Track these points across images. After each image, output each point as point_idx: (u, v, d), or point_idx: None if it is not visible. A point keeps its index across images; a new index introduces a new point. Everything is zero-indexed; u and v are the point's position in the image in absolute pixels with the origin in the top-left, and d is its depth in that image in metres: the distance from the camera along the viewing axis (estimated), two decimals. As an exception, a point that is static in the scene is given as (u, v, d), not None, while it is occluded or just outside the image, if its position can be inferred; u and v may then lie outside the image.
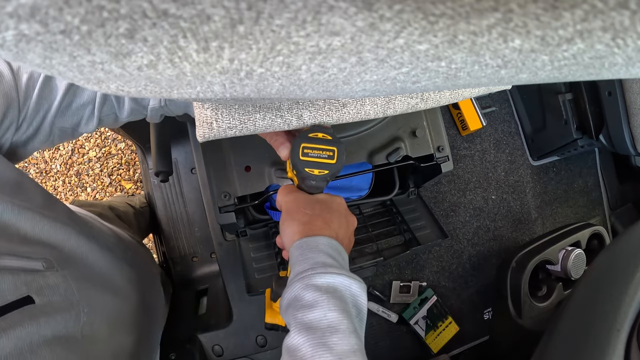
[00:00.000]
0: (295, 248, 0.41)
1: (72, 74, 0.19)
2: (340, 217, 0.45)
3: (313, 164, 0.44)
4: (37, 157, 1.45)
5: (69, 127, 0.44)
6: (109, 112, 0.44)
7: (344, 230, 0.45)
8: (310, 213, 0.43)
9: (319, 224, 0.42)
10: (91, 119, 0.44)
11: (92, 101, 0.43)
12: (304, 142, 0.44)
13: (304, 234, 0.41)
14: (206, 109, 0.41)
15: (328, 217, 0.44)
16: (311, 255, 0.39)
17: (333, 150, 0.45)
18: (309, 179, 0.45)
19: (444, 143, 0.71)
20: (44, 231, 0.41)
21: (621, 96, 0.86)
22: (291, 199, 0.45)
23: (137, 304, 0.53)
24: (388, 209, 0.89)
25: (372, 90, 0.24)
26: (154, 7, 0.14)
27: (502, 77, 0.20)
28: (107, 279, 0.49)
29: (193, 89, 0.22)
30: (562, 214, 1.13)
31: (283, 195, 0.47)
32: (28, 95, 0.40)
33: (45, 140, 0.44)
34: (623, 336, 0.44)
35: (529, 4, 0.13)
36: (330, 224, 0.43)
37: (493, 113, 1.13)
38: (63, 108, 0.42)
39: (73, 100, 0.42)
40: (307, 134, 0.45)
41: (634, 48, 0.15)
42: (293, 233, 0.42)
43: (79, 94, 0.42)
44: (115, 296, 0.48)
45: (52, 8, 0.14)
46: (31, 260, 0.39)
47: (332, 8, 0.14)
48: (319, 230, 0.42)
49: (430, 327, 0.93)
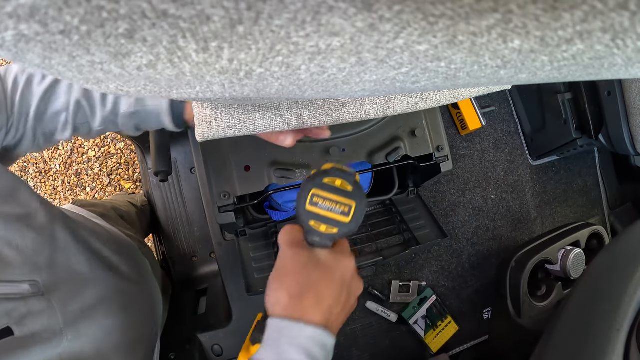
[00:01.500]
0: (273, 327, 0.35)
1: (71, 74, 0.19)
2: (342, 289, 0.38)
3: (322, 218, 0.37)
4: (36, 157, 1.45)
5: (49, 133, 0.44)
6: (82, 120, 0.44)
7: (342, 306, 0.38)
8: (304, 283, 0.36)
9: (310, 302, 0.35)
10: (66, 126, 0.43)
11: (65, 109, 0.42)
12: (316, 188, 0.36)
13: (287, 312, 0.35)
14: (205, 108, 0.41)
15: (325, 291, 0.36)
16: (286, 349, 0.33)
17: (350, 205, 0.36)
18: (313, 234, 0.38)
19: (443, 143, 0.71)
20: (34, 245, 0.40)
21: (621, 96, 0.86)
22: (289, 254, 0.38)
23: (131, 321, 0.50)
24: (387, 208, 0.89)
25: (372, 90, 0.24)
26: (154, 8, 0.14)
27: (502, 77, 0.20)
28: (100, 297, 0.46)
29: (192, 89, 0.22)
30: (561, 214, 1.14)
31: (283, 242, 0.39)
32: (13, 100, 0.40)
33: (31, 144, 0.44)
34: (622, 336, 0.44)
35: (529, 5, 0.13)
36: (323, 303, 0.36)
37: (492, 113, 1.13)
38: (40, 114, 0.41)
39: (48, 107, 0.41)
40: (322, 177, 0.37)
41: (633, 49, 0.15)
42: (277, 302, 0.36)
43: (52, 101, 0.41)
44: (106, 317, 0.46)
45: (52, 8, 0.13)
46: (16, 285, 0.38)
47: (331, 9, 0.14)
48: (306, 313, 0.35)
49: (429, 327, 0.93)
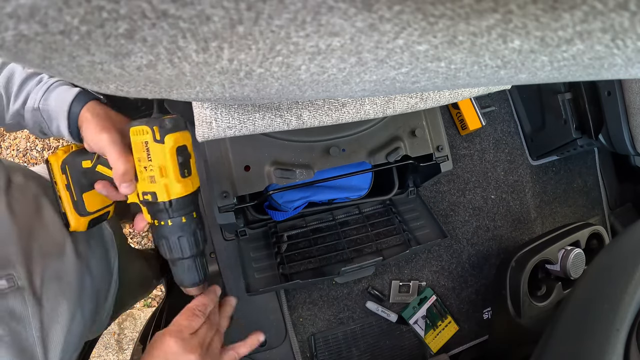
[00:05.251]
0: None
1: (71, 74, 0.19)
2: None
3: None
4: (36, 157, 1.45)
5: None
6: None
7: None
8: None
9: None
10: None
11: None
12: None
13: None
14: (205, 108, 0.41)
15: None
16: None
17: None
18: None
19: (443, 143, 0.71)
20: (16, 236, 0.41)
21: (620, 96, 0.86)
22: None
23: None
24: (387, 208, 0.89)
25: (372, 90, 0.24)
26: (154, 8, 0.14)
27: (502, 77, 0.20)
28: (77, 292, 0.48)
29: (192, 89, 0.22)
30: (561, 214, 1.13)
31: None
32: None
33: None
34: (622, 336, 0.44)
35: (529, 5, 0.13)
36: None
37: (492, 113, 1.13)
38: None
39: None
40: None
41: (633, 49, 0.15)
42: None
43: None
44: (78, 308, 0.49)
45: (52, 8, 0.13)
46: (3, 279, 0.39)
47: (331, 9, 0.14)
48: None
49: (429, 327, 0.93)
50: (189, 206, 0.43)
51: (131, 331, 1.53)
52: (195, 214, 0.44)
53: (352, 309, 0.91)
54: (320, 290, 0.90)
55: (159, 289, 1.51)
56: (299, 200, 0.75)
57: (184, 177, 0.41)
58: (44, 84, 0.44)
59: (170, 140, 0.40)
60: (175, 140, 0.40)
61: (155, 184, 0.41)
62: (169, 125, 0.39)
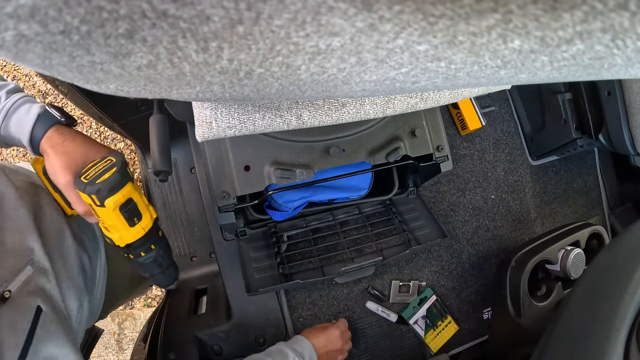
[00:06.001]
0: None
1: (71, 74, 0.19)
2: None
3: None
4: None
5: None
6: None
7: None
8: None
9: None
10: None
11: None
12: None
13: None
14: (205, 108, 0.41)
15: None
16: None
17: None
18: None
19: (443, 143, 0.71)
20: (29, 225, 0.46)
21: (620, 96, 0.86)
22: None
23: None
24: (387, 208, 0.89)
25: (372, 90, 0.24)
26: (154, 8, 0.14)
27: (502, 77, 0.20)
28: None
29: (192, 89, 0.22)
30: (561, 214, 1.13)
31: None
32: None
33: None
34: (622, 336, 0.44)
35: (529, 5, 0.13)
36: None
37: (492, 113, 1.13)
38: None
39: None
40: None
41: (633, 49, 0.15)
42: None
43: None
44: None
45: (52, 8, 0.13)
46: (29, 265, 0.44)
47: (331, 9, 0.14)
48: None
49: (429, 327, 0.93)
50: (147, 243, 0.49)
51: (131, 331, 1.53)
52: (154, 246, 0.50)
53: (352, 309, 0.91)
54: (320, 290, 0.90)
55: (159, 289, 1.51)
56: (299, 200, 0.75)
57: (132, 225, 0.46)
58: (2, 109, 0.44)
59: (110, 202, 0.43)
60: (115, 202, 0.43)
61: (109, 232, 0.46)
62: (104, 191, 0.42)
